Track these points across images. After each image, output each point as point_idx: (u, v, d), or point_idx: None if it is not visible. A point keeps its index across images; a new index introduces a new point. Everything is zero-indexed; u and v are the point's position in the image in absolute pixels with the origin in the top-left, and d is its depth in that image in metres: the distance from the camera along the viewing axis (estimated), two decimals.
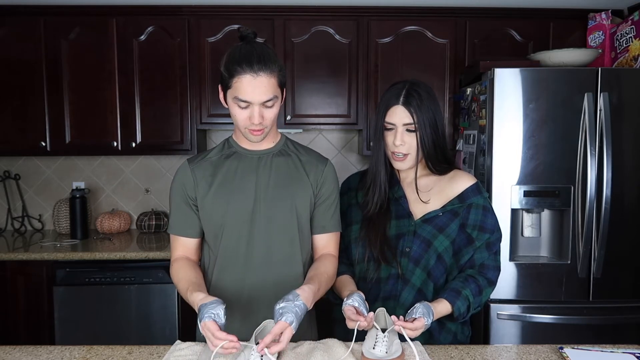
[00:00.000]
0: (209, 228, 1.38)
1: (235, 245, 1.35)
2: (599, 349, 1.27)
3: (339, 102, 2.76)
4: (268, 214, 1.35)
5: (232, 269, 1.37)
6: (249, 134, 1.31)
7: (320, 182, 1.40)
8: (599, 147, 2.14)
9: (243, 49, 1.26)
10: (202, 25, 2.70)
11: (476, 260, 1.38)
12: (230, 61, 1.25)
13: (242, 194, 1.34)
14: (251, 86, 1.23)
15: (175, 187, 1.40)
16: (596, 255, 2.16)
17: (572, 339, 2.14)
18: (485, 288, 1.36)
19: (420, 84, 1.38)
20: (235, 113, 1.28)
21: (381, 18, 2.72)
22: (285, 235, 1.36)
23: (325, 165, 1.43)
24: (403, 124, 1.34)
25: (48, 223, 3.12)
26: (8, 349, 1.28)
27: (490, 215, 1.41)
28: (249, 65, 1.23)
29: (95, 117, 2.72)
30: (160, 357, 1.24)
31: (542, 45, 2.70)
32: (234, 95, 1.25)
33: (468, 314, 1.34)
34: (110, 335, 2.48)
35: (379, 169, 1.42)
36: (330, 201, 1.41)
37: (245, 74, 1.23)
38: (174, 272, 1.37)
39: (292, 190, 1.36)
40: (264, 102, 1.25)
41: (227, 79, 1.26)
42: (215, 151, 1.42)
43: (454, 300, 1.30)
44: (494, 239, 1.39)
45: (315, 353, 1.20)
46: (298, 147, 1.46)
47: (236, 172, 1.37)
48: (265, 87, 1.24)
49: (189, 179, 1.38)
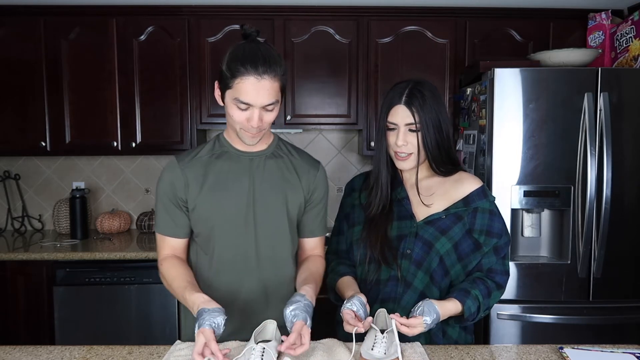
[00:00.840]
0: (200, 229, 1.36)
1: (228, 247, 1.34)
2: (599, 349, 1.27)
3: (339, 102, 2.76)
4: (261, 216, 1.34)
5: (225, 271, 1.36)
6: (244, 135, 1.27)
7: (312, 188, 1.40)
8: (599, 147, 2.14)
9: (247, 49, 1.21)
10: (202, 25, 2.70)
11: (484, 265, 1.35)
12: (233, 60, 1.20)
13: (235, 196, 1.32)
14: (254, 89, 1.19)
15: (163, 186, 1.35)
16: (596, 255, 2.16)
17: (572, 339, 2.14)
18: (494, 291, 1.33)
19: (425, 84, 1.34)
20: (232, 113, 1.24)
21: (381, 18, 2.72)
22: (278, 238, 1.36)
23: (317, 171, 1.41)
24: (405, 123, 1.32)
25: (48, 223, 3.12)
26: (8, 349, 1.28)
27: (497, 219, 1.38)
28: (253, 67, 1.18)
29: (95, 117, 2.72)
30: (160, 357, 1.24)
31: (542, 45, 2.70)
32: (235, 97, 1.21)
33: (478, 315, 1.31)
34: (110, 335, 2.48)
35: (381, 169, 1.40)
36: (321, 206, 1.43)
37: (249, 75, 1.18)
38: (164, 270, 1.34)
39: (285, 193, 1.35)
40: (265, 106, 1.22)
41: (228, 79, 1.21)
42: (206, 150, 1.37)
43: (463, 299, 1.27)
44: (501, 243, 1.36)
45: (316, 353, 1.20)
46: (290, 148, 1.43)
47: (229, 174, 1.34)
48: (268, 91, 1.20)
49: (179, 178, 1.33)
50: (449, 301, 1.26)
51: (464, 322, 1.31)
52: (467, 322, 1.31)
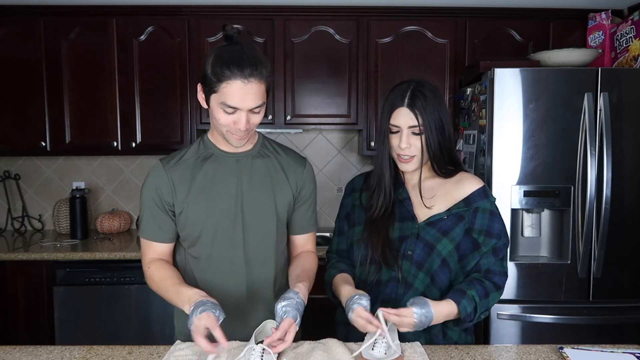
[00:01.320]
0: (187, 232, 1.34)
1: (216, 249, 1.33)
2: (599, 349, 1.27)
3: (339, 102, 2.76)
4: (249, 217, 1.33)
5: (213, 272, 1.35)
6: (231, 137, 1.25)
7: (300, 185, 1.39)
8: (599, 147, 2.14)
9: (232, 51, 1.18)
10: (202, 25, 2.70)
11: (482, 266, 1.34)
12: (217, 64, 1.17)
13: (222, 198, 1.31)
14: (241, 92, 1.16)
15: (148, 190, 1.33)
16: (596, 255, 2.16)
17: (572, 339, 2.14)
18: (492, 292, 1.32)
19: (426, 84, 1.34)
20: (219, 117, 1.21)
21: (381, 18, 2.72)
22: (265, 238, 1.36)
23: (304, 167, 1.41)
24: (408, 126, 1.31)
25: (48, 223, 3.12)
26: (8, 349, 1.28)
27: (497, 220, 1.37)
28: (239, 70, 1.15)
29: (95, 117, 2.72)
30: (160, 357, 1.24)
31: (542, 45, 2.70)
32: (221, 101, 1.18)
33: (475, 316, 1.29)
34: (110, 335, 2.48)
35: (384, 172, 1.39)
36: (310, 202, 1.43)
37: (236, 79, 1.15)
38: (152, 272, 1.32)
39: (273, 193, 1.35)
40: (252, 109, 1.20)
41: (213, 83, 1.17)
42: (191, 152, 1.36)
43: (459, 299, 1.25)
44: (500, 244, 1.36)
45: (315, 353, 1.20)
46: (276, 146, 1.42)
47: (215, 176, 1.32)
48: (255, 94, 1.18)
49: (164, 182, 1.31)
50: (444, 301, 1.25)
51: (461, 323, 1.29)
52: (466, 324, 1.30)
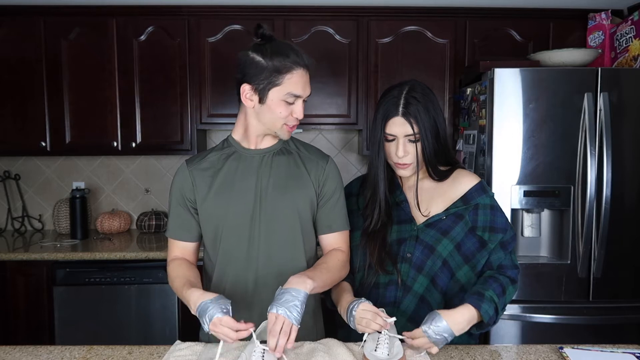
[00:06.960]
0: (208, 230, 1.36)
1: (235, 248, 1.34)
2: (599, 349, 1.27)
3: (339, 102, 2.76)
4: (269, 214, 1.33)
5: (232, 272, 1.35)
6: (284, 130, 1.30)
7: (322, 181, 1.37)
8: (599, 147, 2.14)
9: (282, 45, 1.25)
10: (202, 25, 2.70)
11: (493, 262, 1.32)
12: (276, 57, 1.21)
13: (242, 196, 1.32)
14: (304, 81, 1.25)
15: (173, 189, 1.38)
16: (596, 255, 2.17)
17: (572, 339, 2.14)
18: (508, 287, 1.29)
19: (417, 87, 1.31)
20: (280, 110, 1.25)
21: (381, 18, 2.72)
22: (287, 236, 1.34)
23: (326, 163, 1.39)
24: (404, 135, 1.29)
25: (48, 223, 3.12)
26: (8, 349, 1.28)
27: (499, 214, 1.35)
28: (301, 60, 1.23)
29: (95, 117, 2.72)
30: (160, 357, 1.24)
31: (542, 45, 2.70)
32: (287, 91, 1.23)
33: (497, 317, 1.25)
34: (110, 335, 2.48)
35: (379, 182, 1.35)
36: (335, 199, 1.38)
37: (299, 68, 1.23)
38: (170, 271, 1.36)
39: (294, 189, 1.34)
40: (308, 96, 1.29)
41: (275, 76, 1.22)
42: (215, 151, 1.39)
43: (478, 304, 1.21)
44: (507, 237, 1.33)
45: (316, 353, 1.20)
46: (299, 144, 1.42)
47: (236, 173, 1.34)
48: (309, 82, 1.28)
49: (187, 181, 1.35)
50: (462, 308, 1.21)
51: (485, 327, 1.25)
52: (489, 327, 1.26)
